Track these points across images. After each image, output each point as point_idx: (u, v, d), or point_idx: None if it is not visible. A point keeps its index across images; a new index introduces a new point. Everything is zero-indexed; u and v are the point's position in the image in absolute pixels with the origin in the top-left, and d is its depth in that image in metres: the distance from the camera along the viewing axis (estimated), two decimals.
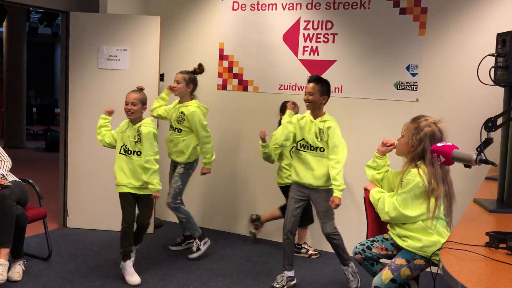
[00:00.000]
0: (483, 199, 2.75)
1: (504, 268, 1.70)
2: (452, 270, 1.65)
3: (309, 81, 3.75)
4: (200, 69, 4.40)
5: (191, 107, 4.24)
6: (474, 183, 3.86)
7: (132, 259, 3.89)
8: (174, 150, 4.35)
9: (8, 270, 3.66)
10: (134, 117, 3.81)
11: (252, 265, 4.33)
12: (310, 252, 4.64)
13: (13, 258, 3.78)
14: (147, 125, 3.81)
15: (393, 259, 2.85)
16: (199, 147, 4.33)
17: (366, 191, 3.08)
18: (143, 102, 3.83)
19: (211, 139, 4.32)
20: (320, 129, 3.68)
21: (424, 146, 2.75)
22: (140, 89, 3.87)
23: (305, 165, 3.74)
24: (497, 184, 2.75)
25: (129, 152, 3.83)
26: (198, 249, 4.42)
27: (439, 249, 2.59)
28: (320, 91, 3.68)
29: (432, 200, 2.72)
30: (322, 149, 3.70)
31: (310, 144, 3.72)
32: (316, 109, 3.72)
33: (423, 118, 2.84)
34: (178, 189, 4.31)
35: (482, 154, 2.04)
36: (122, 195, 3.88)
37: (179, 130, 4.29)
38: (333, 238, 3.79)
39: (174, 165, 4.44)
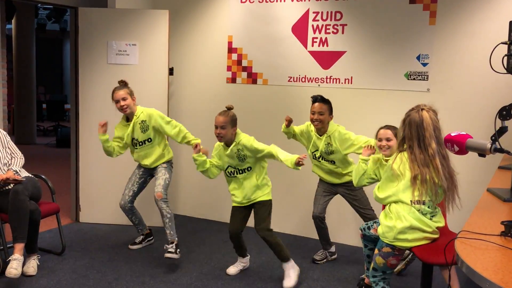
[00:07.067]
0: (497, 189, 2.74)
1: None
2: (468, 260, 1.65)
3: (315, 100, 3.88)
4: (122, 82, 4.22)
5: (144, 111, 4.15)
6: (487, 173, 3.84)
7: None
8: (150, 160, 4.26)
9: (23, 265, 3.70)
10: (224, 141, 3.71)
11: (252, 259, 4.34)
12: None
13: (28, 253, 3.82)
14: (244, 138, 3.74)
15: None
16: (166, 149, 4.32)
17: None
18: (233, 123, 3.68)
19: (178, 124, 4.21)
20: (328, 143, 3.89)
21: (403, 133, 2.76)
22: (228, 109, 3.71)
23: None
24: (510, 173, 2.73)
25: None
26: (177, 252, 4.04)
27: (401, 233, 2.64)
28: (329, 110, 3.87)
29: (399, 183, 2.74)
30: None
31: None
32: (323, 127, 3.89)
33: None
34: (168, 181, 4.21)
35: (497, 142, 2.02)
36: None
37: (149, 140, 4.20)
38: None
39: (149, 169, 4.34)
